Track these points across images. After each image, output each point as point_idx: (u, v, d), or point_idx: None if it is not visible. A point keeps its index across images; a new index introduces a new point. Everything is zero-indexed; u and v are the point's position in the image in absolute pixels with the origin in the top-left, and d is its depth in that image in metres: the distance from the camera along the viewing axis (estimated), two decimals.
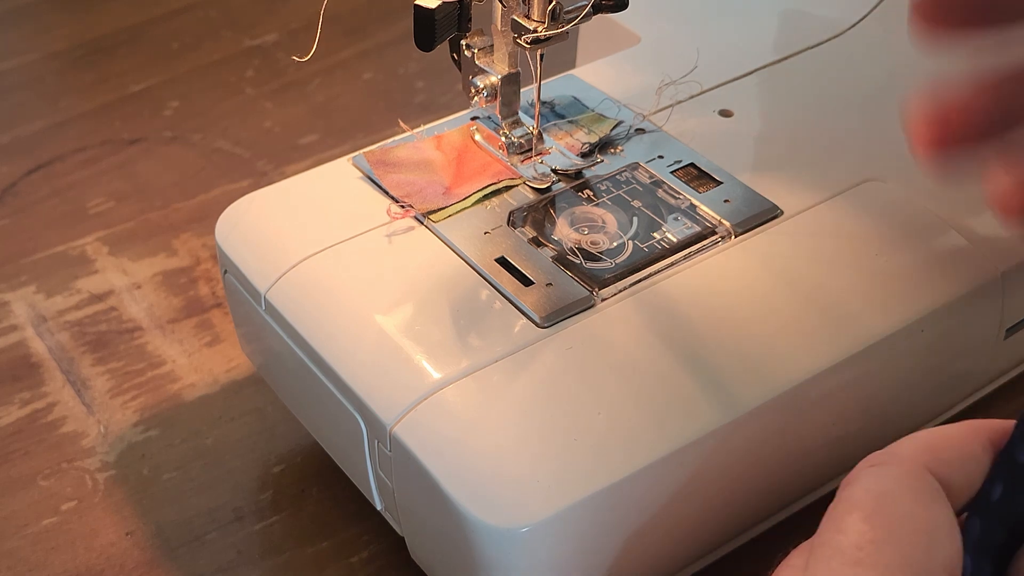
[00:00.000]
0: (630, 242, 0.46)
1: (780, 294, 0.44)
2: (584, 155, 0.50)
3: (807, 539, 0.32)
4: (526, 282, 0.44)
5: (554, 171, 0.49)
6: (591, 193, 0.48)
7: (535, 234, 0.46)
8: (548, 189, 0.48)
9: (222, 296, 0.61)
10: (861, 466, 0.31)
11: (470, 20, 0.46)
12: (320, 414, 0.46)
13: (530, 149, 0.49)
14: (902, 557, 0.28)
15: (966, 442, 0.32)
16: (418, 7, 0.44)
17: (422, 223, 0.47)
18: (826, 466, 0.49)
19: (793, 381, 0.42)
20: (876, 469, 0.31)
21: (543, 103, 0.51)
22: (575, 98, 0.53)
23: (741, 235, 0.46)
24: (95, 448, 0.54)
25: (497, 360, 0.41)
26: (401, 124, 0.51)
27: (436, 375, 0.41)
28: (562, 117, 0.52)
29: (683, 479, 0.40)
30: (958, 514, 0.31)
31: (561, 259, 0.45)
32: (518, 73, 0.49)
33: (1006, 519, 0.32)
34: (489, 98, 0.49)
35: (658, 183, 0.48)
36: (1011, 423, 0.32)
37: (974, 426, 0.32)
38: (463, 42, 0.49)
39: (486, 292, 0.44)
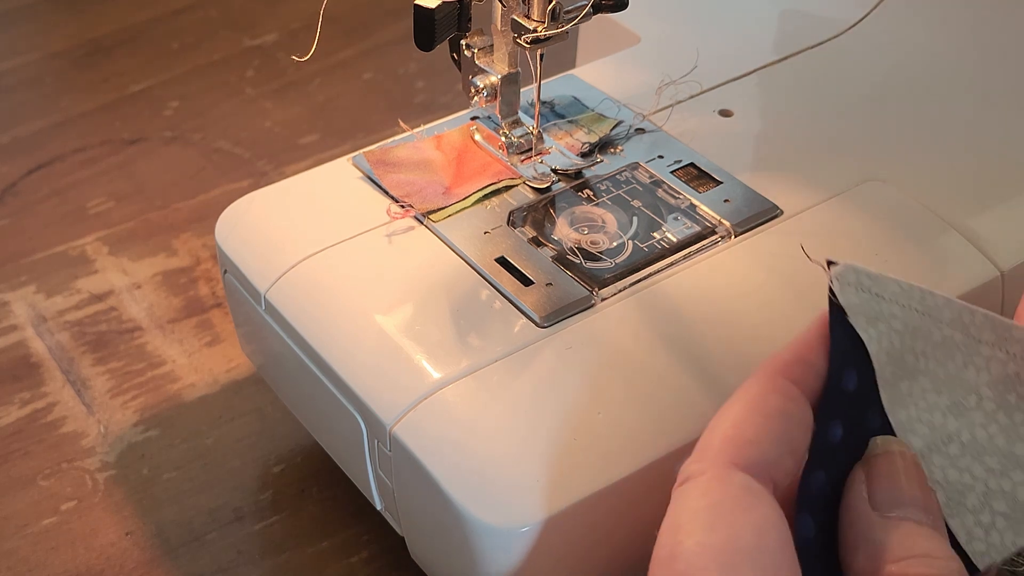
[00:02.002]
0: (630, 242, 0.46)
1: (780, 294, 0.44)
2: (584, 155, 0.50)
3: None
4: (526, 282, 0.44)
5: (554, 171, 0.49)
6: (591, 193, 0.48)
7: (535, 234, 0.46)
8: (548, 189, 0.48)
9: (222, 296, 0.61)
10: (679, 478, 0.29)
11: (470, 20, 0.45)
12: (320, 414, 0.46)
13: (530, 149, 0.49)
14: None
15: (764, 404, 0.30)
16: (418, 7, 0.44)
17: (422, 223, 0.47)
18: None
19: None
20: (680, 492, 0.29)
21: (543, 103, 0.51)
22: (575, 98, 0.53)
23: (741, 235, 0.46)
24: (95, 448, 0.54)
25: (497, 360, 0.41)
26: (401, 124, 0.51)
27: (436, 375, 0.41)
28: (562, 117, 0.52)
29: None
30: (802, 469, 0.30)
31: (561, 259, 0.45)
32: (518, 73, 0.49)
33: (858, 454, 0.30)
34: (489, 98, 0.49)
35: (658, 183, 0.48)
36: (800, 349, 0.30)
37: (765, 379, 0.30)
38: (463, 42, 0.48)
39: (486, 292, 0.44)
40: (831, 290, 0.29)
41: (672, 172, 0.49)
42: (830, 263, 0.29)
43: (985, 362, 0.31)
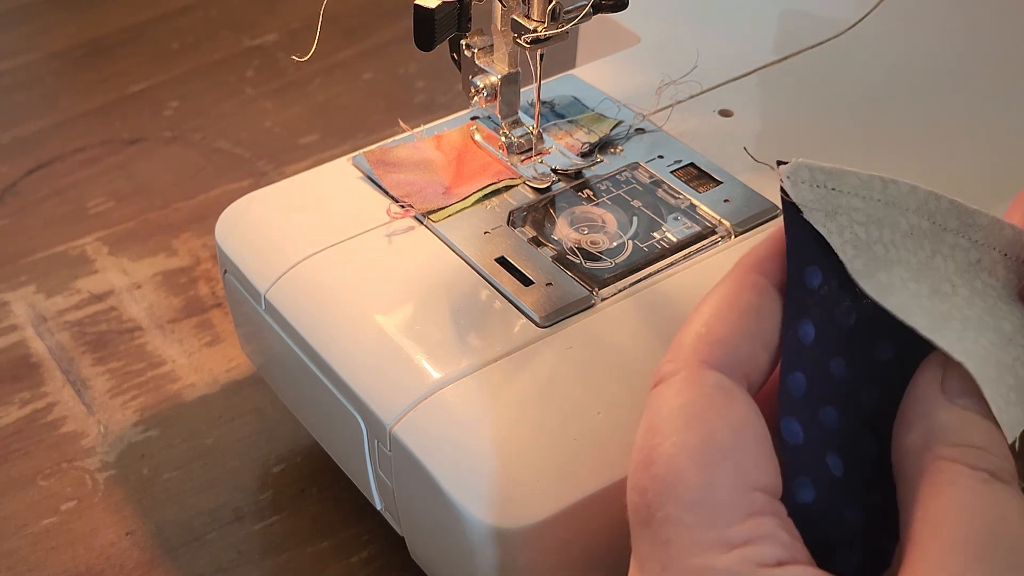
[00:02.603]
0: (630, 242, 0.46)
1: None
2: (584, 155, 0.50)
3: None
4: (526, 282, 0.44)
5: (554, 171, 0.49)
6: (591, 193, 0.48)
7: (535, 234, 0.46)
8: (548, 189, 0.48)
9: (222, 296, 0.61)
10: (654, 379, 0.29)
11: (470, 20, 0.45)
12: (320, 414, 0.46)
13: (530, 149, 0.49)
14: (721, 479, 0.26)
15: (736, 300, 0.29)
16: (418, 7, 0.44)
17: (422, 223, 0.47)
18: None
19: None
20: (654, 394, 0.28)
21: (543, 103, 0.51)
22: (575, 98, 0.53)
23: (741, 235, 0.46)
24: (95, 448, 0.54)
25: (497, 360, 0.41)
26: (401, 124, 0.51)
27: (436, 375, 0.41)
28: (562, 117, 0.52)
29: None
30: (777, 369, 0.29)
31: (561, 259, 0.45)
32: (518, 73, 0.49)
33: (834, 350, 0.29)
34: (489, 98, 0.49)
35: (658, 183, 0.48)
36: (774, 245, 0.30)
37: (738, 275, 0.30)
38: (463, 42, 0.48)
39: (486, 292, 0.44)
40: (783, 189, 0.29)
41: (672, 172, 0.49)
42: (780, 163, 0.29)
43: (951, 250, 0.30)
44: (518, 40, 0.46)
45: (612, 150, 0.50)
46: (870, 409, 0.29)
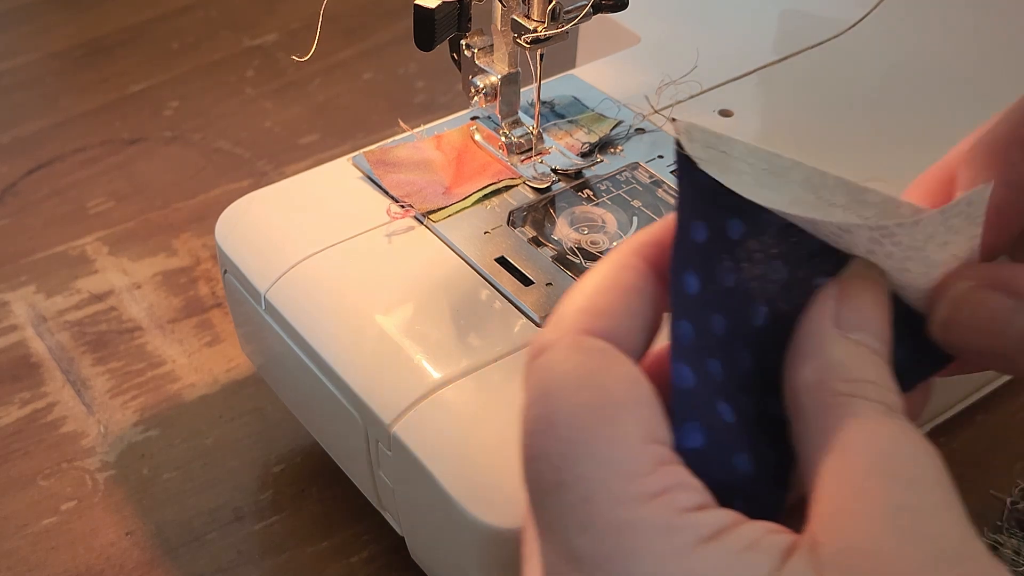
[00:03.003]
0: None
1: None
2: (584, 155, 0.50)
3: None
4: (526, 282, 0.44)
5: (554, 171, 0.49)
6: (591, 193, 0.48)
7: (535, 234, 0.46)
8: (548, 189, 0.48)
9: (222, 296, 0.61)
10: (527, 357, 0.29)
11: (470, 20, 0.45)
12: (320, 414, 0.46)
13: (530, 149, 0.49)
14: (597, 447, 0.26)
15: (617, 279, 0.29)
16: (418, 7, 0.44)
17: (422, 223, 0.47)
18: None
19: None
20: (537, 363, 0.28)
21: (543, 103, 0.51)
22: (575, 98, 0.53)
23: None
24: (95, 448, 0.54)
25: (497, 360, 0.41)
26: (401, 124, 0.51)
27: (436, 375, 0.41)
28: (562, 117, 0.52)
29: None
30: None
31: (561, 259, 0.45)
32: (518, 73, 0.49)
33: (717, 306, 0.29)
34: (489, 98, 0.49)
35: (658, 183, 0.48)
36: (658, 232, 0.30)
37: (619, 256, 0.29)
38: (463, 42, 0.48)
39: (486, 292, 0.44)
40: (677, 143, 0.28)
41: (672, 172, 0.49)
42: (675, 120, 0.29)
43: None
44: (518, 40, 0.46)
45: (612, 150, 0.50)
46: (747, 369, 0.29)
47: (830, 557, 0.24)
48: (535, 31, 0.45)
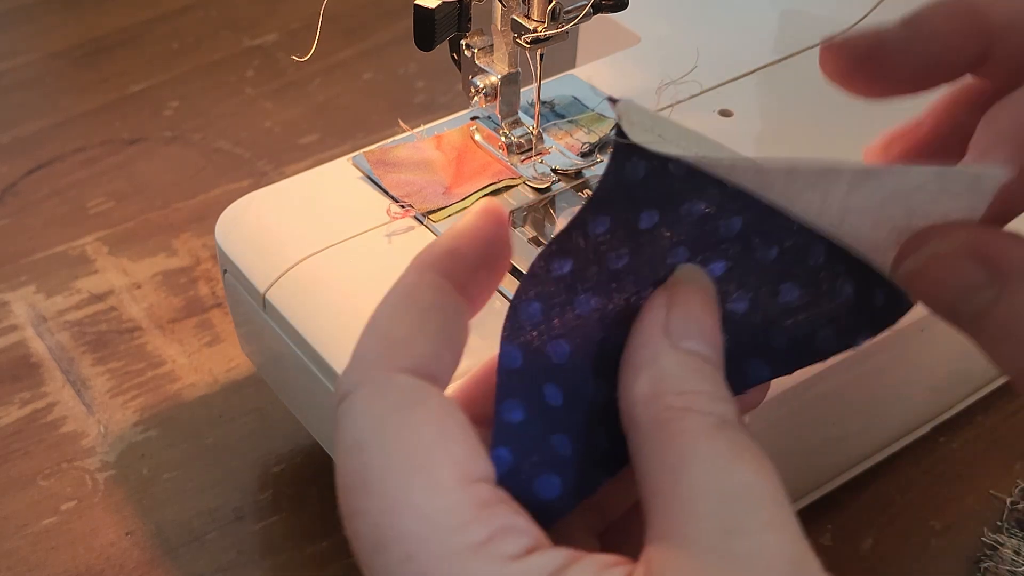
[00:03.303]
0: None
1: None
2: (584, 155, 0.50)
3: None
4: None
5: (554, 171, 0.49)
6: (591, 193, 0.48)
7: (535, 234, 0.46)
8: (548, 189, 0.48)
9: (222, 296, 0.61)
10: (333, 401, 0.28)
11: (470, 20, 0.45)
12: (320, 413, 0.46)
13: (530, 149, 0.49)
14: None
15: (416, 300, 0.28)
16: (418, 7, 0.44)
17: (422, 223, 0.47)
18: (826, 467, 0.49)
19: (791, 381, 0.42)
20: (342, 410, 0.27)
21: (543, 103, 0.51)
22: (575, 98, 0.53)
23: None
24: (95, 448, 0.54)
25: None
26: (401, 124, 0.51)
27: None
28: (562, 117, 0.52)
29: None
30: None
31: None
32: (518, 73, 0.49)
33: (589, 289, 0.29)
34: (489, 98, 0.49)
35: None
36: (451, 242, 0.29)
37: (415, 275, 0.29)
38: (463, 42, 0.48)
39: None
40: (618, 127, 0.28)
41: None
42: (612, 100, 0.29)
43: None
44: (518, 40, 0.46)
45: (612, 150, 0.50)
46: (611, 354, 0.29)
47: None
48: (535, 31, 0.45)
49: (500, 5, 0.46)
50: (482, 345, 0.42)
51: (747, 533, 0.24)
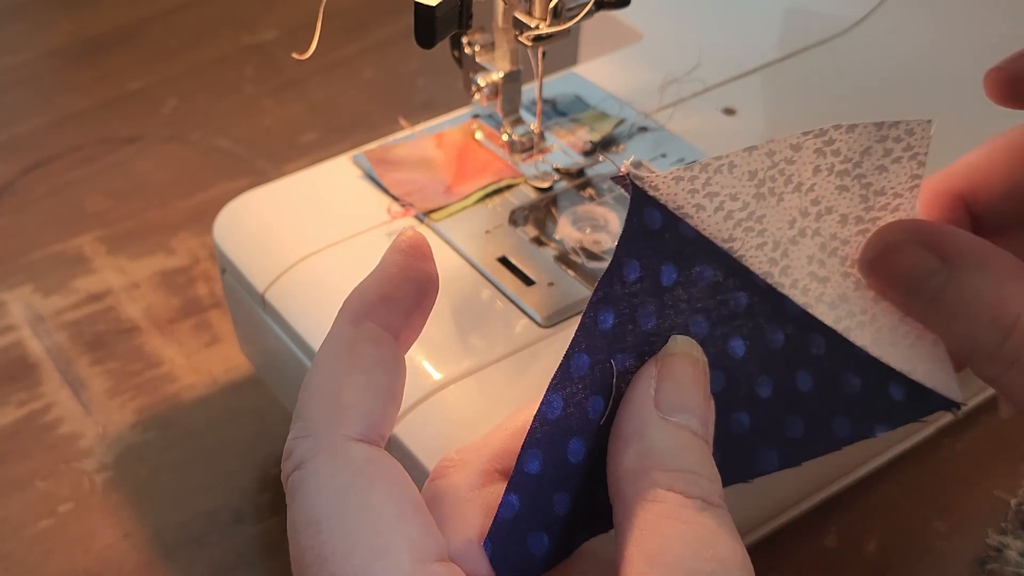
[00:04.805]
0: None
1: None
2: (586, 153, 0.49)
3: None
4: (528, 282, 0.44)
5: (556, 169, 0.49)
6: (593, 192, 0.48)
7: (537, 233, 0.46)
8: (550, 188, 0.48)
9: (221, 296, 0.61)
10: (283, 468, 0.28)
11: (471, 17, 0.45)
12: None
13: (532, 147, 0.49)
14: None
15: (357, 358, 0.28)
16: (419, 4, 0.43)
17: (423, 222, 0.46)
18: (830, 469, 0.48)
19: None
20: (294, 479, 0.27)
21: (545, 101, 0.51)
22: (577, 96, 0.53)
23: None
24: (93, 449, 0.53)
25: (498, 360, 0.41)
26: (402, 122, 0.50)
27: (437, 375, 0.40)
28: (564, 115, 0.51)
29: None
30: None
31: (563, 258, 0.45)
32: (519, 71, 0.49)
33: (625, 349, 0.29)
34: (490, 96, 0.49)
35: None
36: (382, 287, 0.29)
37: (350, 328, 0.29)
38: (464, 39, 0.48)
39: (487, 292, 0.43)
40: (630, 178, 0.28)
41: None
42: (620, 178, 0.29)
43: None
44: (520, 37, 0.45)
45: (614, 148, 0.50)
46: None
47: None
48: (537, 28, 0.45)
49: (501, 2, 0.46)
50: (483, 345, 0.41)
51: None
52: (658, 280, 0.29)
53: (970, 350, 0.31)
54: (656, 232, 0.29)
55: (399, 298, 0.29)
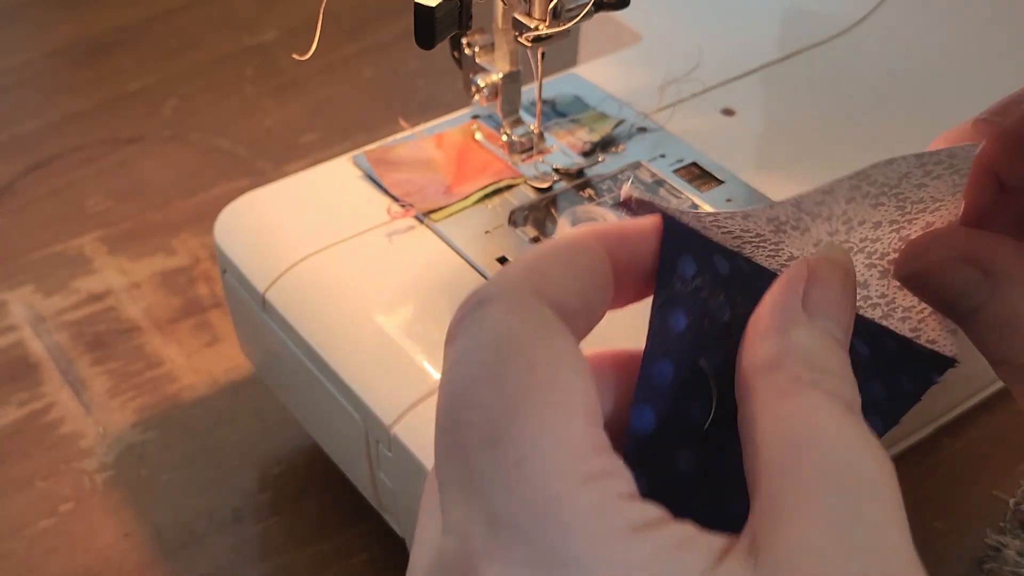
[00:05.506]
0: None
1: None
2: (586, 154, 0.49)
3: None
4: None
5: (555, 170, 0.49)
6: (593, 192, 0.48)
7: (536, 233, 0.46)
8: (549, 188, 0.48)
9: (221, 296, 0.61)
10: (462, 309, 0.26)
11: (471, 18, 0.45)
12: (320, 414, 0.45)
13: (531, 148, 0.49)
14: (521, 412, 0.24)
15: (573, 255, 0.27)
16: (419, 5, 0.43)
17: (422, 222, 0.46)
18: None
19: None
20: (481, 312, 0.25)
21: (544, 102, 0.51)
22: (576, 96, 0.53)
23: None
24: (93, 449, 0.53)
25: None
26: (402, 123, 0.50)
27: (436, 375, 0.40)
28: (563, 116, 0.52)
29: None
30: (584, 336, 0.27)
31: None
32: (519, 71, 0.49)
33: (704, 343, 0.27)
34: (490, 96, 0.49)
35: (660, 182, 0.48)
36: (628, 225, 0.28)
37: (582, 236, 0.27)
38: (464, 40, 0.48)
39: None
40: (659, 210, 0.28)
41: (674, 171, 0.49)
42: (626, 203, 0.28)
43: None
44: (519, 38, 0.45)
45: (614, 149, 0.50)
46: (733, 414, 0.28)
47: (769, 565, 0.22)
48: (536, 29, 0.45)
49: (501, 3, 0.46)
50: None
51: (868, 527, 0.23)
52: (716, 270, 0.28)
53: (1000, 360, 0.30)
54: (693, 232, 0.28)
55: (633, 243, 0.28)
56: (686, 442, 0.27)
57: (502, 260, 0.45)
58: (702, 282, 0.28)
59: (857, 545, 0.23)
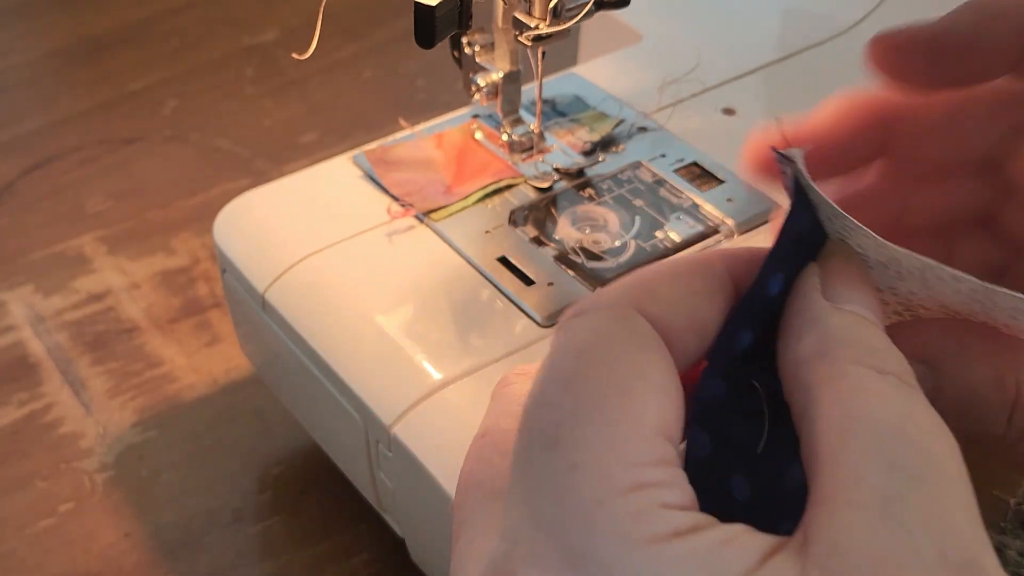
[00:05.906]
0: (632, 241, 0.45)
1: None
2: (586, 153, 0.49)
3: None
4: (527, 281, 0.44)
5: (556, 170, 0.49)
6: (593, 192, 0.48)
7: (536, 233, 0.46)
8: (550, 188, 0.48)
9: (221, 296, 0.61)
10: (563, 318, 0.26)
11: (471, 17, 0.45)
12: (320, 414, 0.45)
13: (531, 147, 0.49)
14: (597, 424, 0.23)
15: (691, 276, 0.26)
16: (419, 4, 0.43)
17: (422, 222, 0.46)
18: None
19: None
20: (576, 320, 0.25)
21: (544, 101, 0.51)
22: (577, 96, 0.53)
23: (744, 234, 0.46)
24: (93, 449, 0.53)
25: (498, 360, 0.41)
26: (402, 122, 0.50)
27: (436, 375, 0.40)
28: (564, 115, 0.51)
29: None
30: (699, 360, 0.26)
31: (563, 258, 0.45)
32: (519, 71, 0.49)
33: (755, 373, 0.26)
34: (490, 96, 0.49)
35: (660, 182, 0.48)
36: (755, 253, 0.27)
37: (703, 259, 0.27)
38: (464, 39, 0.48)
39: (487, 291, 0.43)
40: (796, 179, 0.27)
41: (675, 171, 0.49)
42: (780, 154, 0.27)
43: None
44: (519, 38, 0.45)
45: (614, 149, 0.50)
46: (787, 440, 0.26)
47: (817, 559, 0.22)
48: (536, 28, 0.45)
49: (501, 2, 0.46)
50: (483, 345, 0.41)
51: (922, 508, 0.22)
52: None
53: (976, 439, 0.28)
54: (803, 238, 0.27)
55: (753, 268, 0.28)
56: (739, 467, 0.26)
57: (502, 260, 0.44)
58: (782, 302, 0.27)
59: (910, 525, 0.22)
